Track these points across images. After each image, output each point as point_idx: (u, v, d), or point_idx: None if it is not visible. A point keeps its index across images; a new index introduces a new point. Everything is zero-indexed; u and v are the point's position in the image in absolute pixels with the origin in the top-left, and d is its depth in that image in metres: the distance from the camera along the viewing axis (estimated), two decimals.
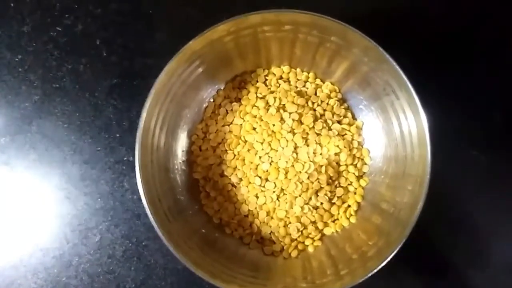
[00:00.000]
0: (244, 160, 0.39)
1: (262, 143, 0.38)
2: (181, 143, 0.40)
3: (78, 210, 0.42)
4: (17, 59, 0.44)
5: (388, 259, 0.32)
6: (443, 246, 0.41)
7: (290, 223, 0.38)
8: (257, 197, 0.38)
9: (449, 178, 0.41)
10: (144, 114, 0.33)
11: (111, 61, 0.44)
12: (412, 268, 0.41)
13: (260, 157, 0.38)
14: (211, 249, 0.36)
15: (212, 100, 0.41)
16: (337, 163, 0.39)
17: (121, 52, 0.44)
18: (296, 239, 0.39)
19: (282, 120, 0.38)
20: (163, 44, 0.43)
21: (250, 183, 0.38)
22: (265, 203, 0.38)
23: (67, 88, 0.43)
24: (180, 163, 0.39)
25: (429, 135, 0.32)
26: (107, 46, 0.44)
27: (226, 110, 0.40)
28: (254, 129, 0.39)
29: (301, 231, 0.38)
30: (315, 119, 0.39)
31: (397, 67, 0.33)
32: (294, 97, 0.39)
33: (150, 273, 0.42)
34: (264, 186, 0.38)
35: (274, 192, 0.38)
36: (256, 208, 0.39)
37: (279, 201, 0.38)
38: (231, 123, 0.40)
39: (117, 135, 0.43)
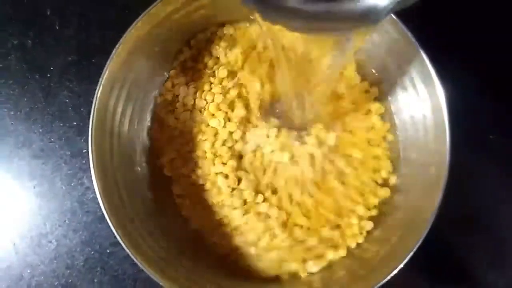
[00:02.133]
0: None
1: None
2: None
3: (28, 214, 0.40)
4: None
5: (396, 271, 0.28)
6: (458, 246, 0.39)
7: None
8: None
9: (463, 167, 0.37)
10: (100, 89, 0.30)
11: (66, 34, 0.41)
12: (422, 272, 0.38)
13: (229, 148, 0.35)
14: (189, 259, 0.33)
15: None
16: None
17: (77, 23, 0.41)
18: None
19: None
20: (129, 11, 0.40)
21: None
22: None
23: (13, 67, 0.41)
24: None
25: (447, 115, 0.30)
26: (60, 16, 0.41)
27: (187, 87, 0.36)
28: (220, 110, 0.35)
29: None
30: None
31: (406, 30, 0.29)
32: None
33: (118, 285, 0.39)
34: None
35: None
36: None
37: None
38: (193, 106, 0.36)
39: (74, 123, 0.40)
